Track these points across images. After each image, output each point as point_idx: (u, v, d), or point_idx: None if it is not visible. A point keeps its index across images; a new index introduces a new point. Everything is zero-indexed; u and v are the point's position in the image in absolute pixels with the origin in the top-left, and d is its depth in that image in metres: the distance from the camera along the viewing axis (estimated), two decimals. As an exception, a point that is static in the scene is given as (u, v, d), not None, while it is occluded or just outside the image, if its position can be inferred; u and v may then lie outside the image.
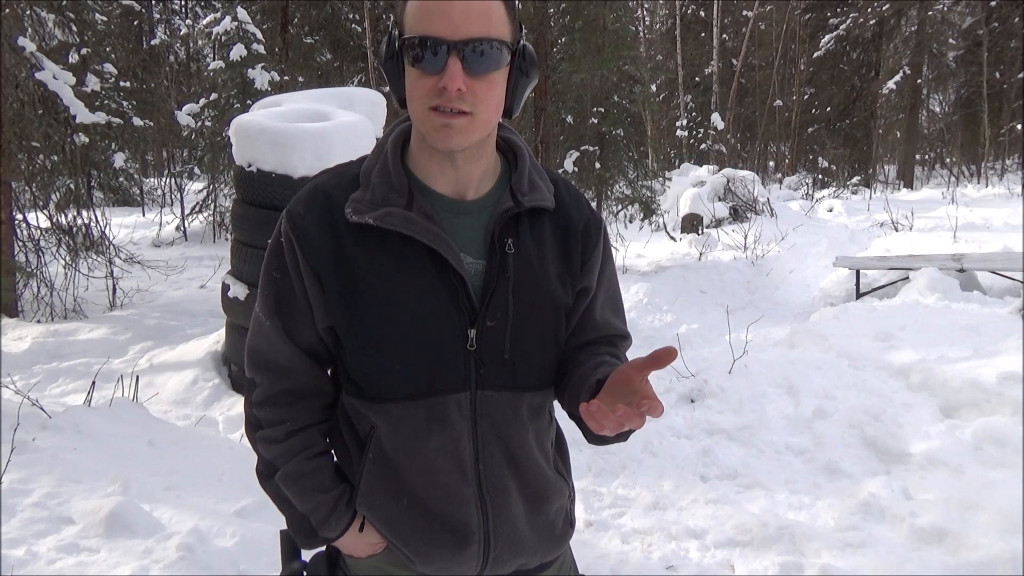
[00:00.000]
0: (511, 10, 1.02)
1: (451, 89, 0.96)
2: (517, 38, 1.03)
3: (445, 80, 0.96)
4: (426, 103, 0.99)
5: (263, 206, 4.25)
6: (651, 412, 0.88)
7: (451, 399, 1.06)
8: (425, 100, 0.99)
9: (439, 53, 0.96)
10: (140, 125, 9.35)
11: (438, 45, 0.96)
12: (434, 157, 1.07)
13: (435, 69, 0.97)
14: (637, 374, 0.93)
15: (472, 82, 0.97)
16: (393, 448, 1.09)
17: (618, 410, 0.87)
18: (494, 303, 1.06)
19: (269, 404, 1.12)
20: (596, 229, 1.18)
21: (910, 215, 11.30)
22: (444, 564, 1.11)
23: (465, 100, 0.98)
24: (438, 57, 0.96)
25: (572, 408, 1.11)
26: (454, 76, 0.95)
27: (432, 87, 0.97)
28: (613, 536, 3.08)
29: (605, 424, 0.88)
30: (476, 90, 0.98)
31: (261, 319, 1.11)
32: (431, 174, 1.08)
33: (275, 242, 1.09)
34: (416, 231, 1.03)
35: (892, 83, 21.09)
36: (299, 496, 1.13)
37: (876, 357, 4.68)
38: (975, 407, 3.91)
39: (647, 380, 0.94)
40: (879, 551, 2.86)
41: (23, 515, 2.56)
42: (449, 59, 0.96)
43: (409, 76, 1.00)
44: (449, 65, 0.96)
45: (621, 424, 0.87)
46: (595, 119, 8.93)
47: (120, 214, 11.20)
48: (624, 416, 0.86)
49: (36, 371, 5.01)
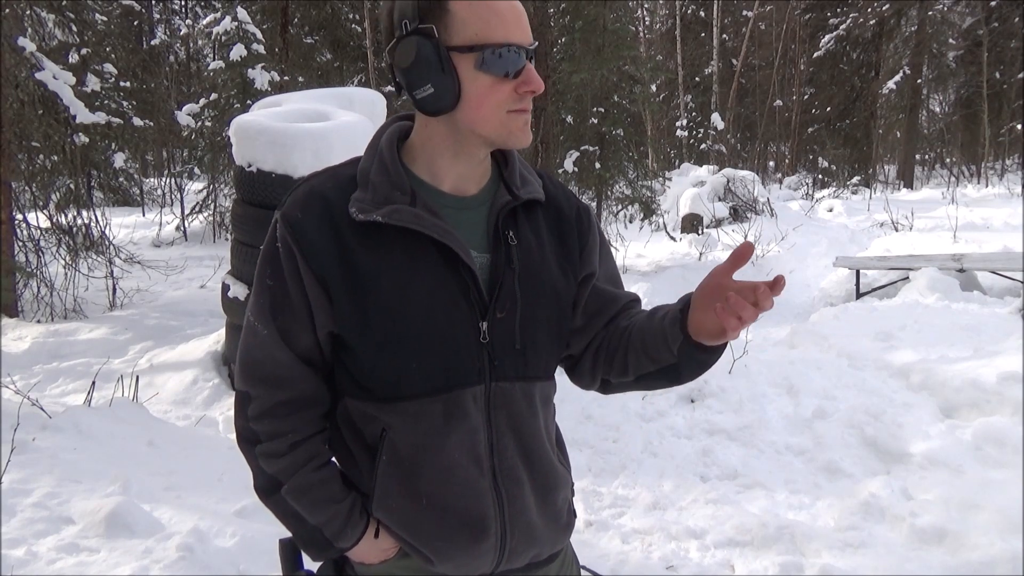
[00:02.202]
0: None
1: (539, 91, 1.03)
2: None
3: (534, 84, 1.02)
4: (505, 107, 1.03)
5: (263, 206, 4.25)
6: (776, 287, 0.94)
7: (467, 392, 1.06)
8: (504, 104, 1.03)
9: (521, 58, 1.02)
10: (140, 125, 9.34)
11: (520, 51, 1.02)
12: (446, 155, 1.08)
13: (514, 73, 1.02)
14: (726, 278, 1.00)
15: None
16: (409, 447, 1.08)
17: (745, 300, 0.94)
18: (503, 294, 1.07)
19: (267, 417, 1.10)
20: (586, 215, 1.22)
21: (910, 215, 11.30)
22: (463, 560, 1.10)
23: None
24: (521, 63, 1.02)
25: (650, 363, 1.13)
26: (539, 80, 1.03)
27: (510, 91, 1.02)
28: (613, 536, 3.08)
29: (744, 313, 0.94)
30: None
31: (256, 328, 1.09)
32: (436, 172, 1.09)
33: (270, 247, 1.07)
34: (426, 226, 1.03)
35: (892, 83, 21.09)
36: (310, 509, 1.11)
37: (876, 357, 4.69)
38: (975, 407, 3.91)
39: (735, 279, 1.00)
40: (879, 551, 2.86)
41: (23, 515, 2.56)
42: (529, 64, 1.03)
43: (481, 81, 1.01)
44: (529, 69, 1.03)
45: (755, 314, 0.94)
46: (595, 119, 8.93)
47: (120, 214, 11.20)
48: (762, 298, 0.94)
49: (36, 371, 5.01)
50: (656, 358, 1.11)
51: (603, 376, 1.21)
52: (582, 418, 4.04)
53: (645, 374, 1.15)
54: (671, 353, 1.08)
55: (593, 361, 1.21)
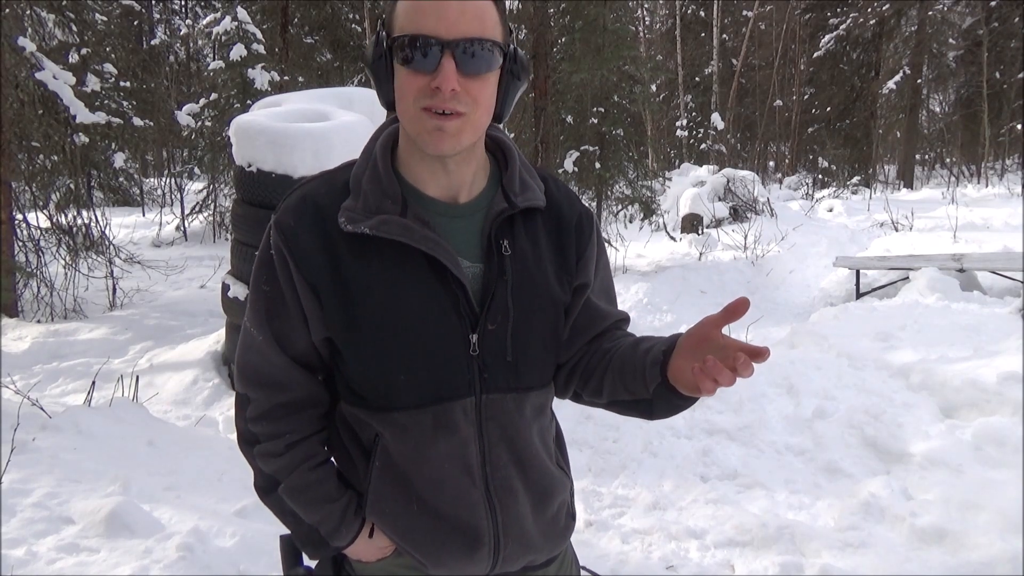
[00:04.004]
0: (502, 12, 1.01)
1: (445, 89, 0.94)
2: (508, 41, 1.01)
3: (439, 80, 0.94)
4: (418, 103, 0.97)
5: (263, 206, 4.25)
6: (759, 357, 0.90)
7: (457, 405, 1.05)
8: (417, 100, 0.97)
9: (432, 52, 0.94)
10: (140, 125, 9.33)
11: (431, 44, 0.94)
12: (424, 161, 1.05)
13: (428, 69, 0.95)
14: (715, 330, 0.95)
15: (465, 82, 0.96)
16: (400, 455, 1.08)
17: (719, 363, 0.90)
18: (494, 306, 1.05)
19: (265, 418, 1.11)
20: (588, 223, 1.17)
21: (910, 215, 11.30)
22: (455, 566, 1.11)
23: (459, 100, 0.96)
24: (430, 57, 0.95)
25: (624, 393, 1.11)
26: (448, 76, 0.94)
27: (424, 87, 0.95)
28: (613, 536, 3.08)
29: (720, 378, 0.90)
30: (470, 90, 0.96)
31: (252, 333, 1.09)
32: (422, 178, 1.07)
33: (264, 254, 1.07)
34: (414, 239, 1.01)
35: (892, 83, 21.09)
36: (306, 508, 1.12)
37: (876, 357, 4.68)
38: (975, 407, 3.91)
39: (724, 335, 0.96)
40: (879, 551, 2.86)
41: (23, 515, 2.56)
42: (443, 58, 0.94)
43: (399, 76, 0.99)
44: (443, 64, 0.94)
45: (733, 379, 0.90)
46: (595, 119, 8.92)
47: (120, 214, 11.19)
48: (741, 367, 0.89)
49: (36, 371, 5.01)
50: (632, 390, 1.10)
51: (576, 390, 1.20)
52: (582, 418, 4.03)
53: (619, 401, 1.14)
54: (647, 391, 1.07)
55: (568, 376, 1.19)
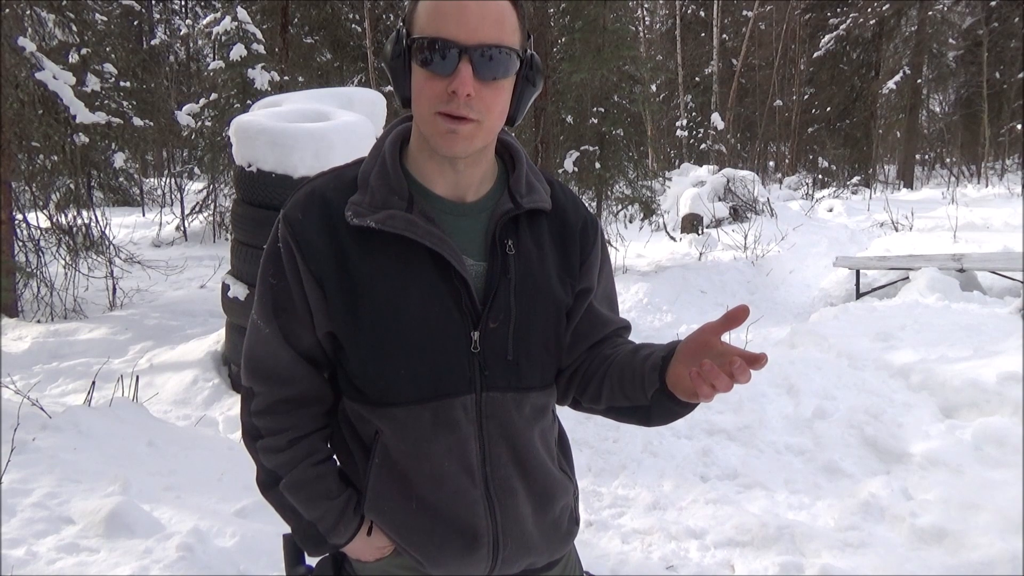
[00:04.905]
0: (522, 18, 1.01)
1: (461, 94, 0.95)
2: (526, 47, 1.02)
3: (455, 84, 0.95)
4: (433, 107, 0.97)
5: (263, 206, 4.25)
6: (757, 364, 0.90)
7: (457, 402, 1.06)
8: (433, 104, 0.97)
9: (450, 56, 0.95)
10: (140, 125, 9.32)
11: (450, 48, 0.95)
12: (434, 159, 1.06)
13: (445, 72, 0.96)
14: (715, 337, 0.96)
15: (481, 88, 0.96)
16: (399, 452, 1.08)
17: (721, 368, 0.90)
18: (496, 305, 1.06)
19: (269, 413, 1.11)
20: (593, 229, 1.18)
21: (910, 215, 11.31)
22: (454, 566, 1.10)
23: (473, 107, 0.96)
24: (448, 60, 0.95)
25: (623, 399, 1.11)
26: (465, 81, 0.94)
27: (441, 91, 0.96)
28: (613, 536, 3.08)
29: (717, 383, 0.90)
30: (484, 96, 0.97)
31: (259, 326, 1.10)
32: (431, 176, 1.08)
33: (272, 247, 1.08)
34: (418, 234, 1.02)
35: (892, 83, 21.11)
36: (305, 504, 1.12)
37: (876, 357, 4.68)
38: (975, 407, 3.91)
39: (723, 341, 0.96)
40: (879, 551, 2.86)
41: (23, 515, 2.56)
42: (460, 63, 0.95)
43: (417, 77, 0.99)
44: (460, 69, 0.95)
45: (730, 385, 0.90)
46: (595, 119, 8.92)
47: (120, 214, 11.19)
48: (738, 373, 0.89)
49: (36, 371, 5.01)
50: (630, 396, 1.10)
51: (575, 396, 1.20)
52: (582, 418, 4.03)
53: (617, 407, 1.14)
54: (645, 397, 1.07)
55: (568, 381, 1.19)
